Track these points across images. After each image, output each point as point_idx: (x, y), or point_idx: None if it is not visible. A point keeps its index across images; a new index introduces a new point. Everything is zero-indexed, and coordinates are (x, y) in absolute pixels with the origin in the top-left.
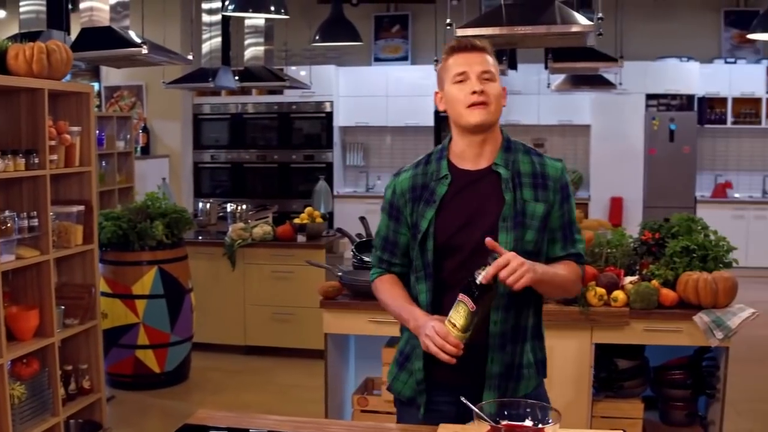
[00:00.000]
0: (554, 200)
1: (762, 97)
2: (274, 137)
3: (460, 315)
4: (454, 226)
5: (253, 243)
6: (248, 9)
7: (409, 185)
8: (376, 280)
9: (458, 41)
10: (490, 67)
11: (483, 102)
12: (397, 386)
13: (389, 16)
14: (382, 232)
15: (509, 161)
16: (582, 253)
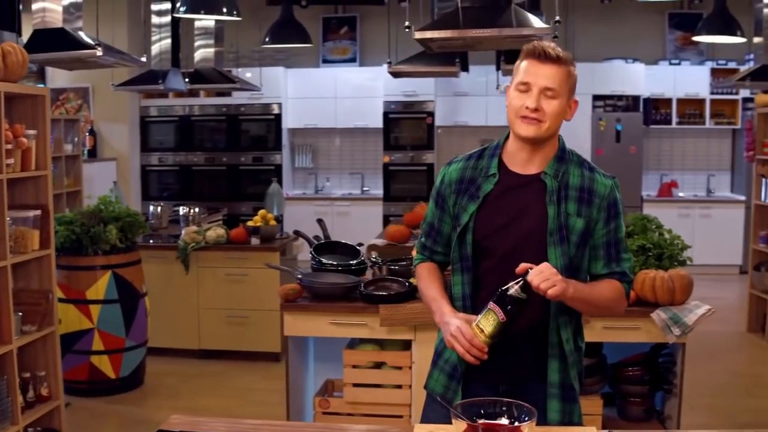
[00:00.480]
0: (598, 217)
1: (706, 98)
2: (223, 139)
3: (489, 323)
4: (492, 226)
5: (207, 246)
6: (200, 11)
7: (457, 177)
8: (418, 265)
9: (536, 45)
10: (557, 84)
11: (537, 119)
12: (431, 384)
13: (337, 17)
14: (429, 218)
15: (560, 171)
16: (627, 272)
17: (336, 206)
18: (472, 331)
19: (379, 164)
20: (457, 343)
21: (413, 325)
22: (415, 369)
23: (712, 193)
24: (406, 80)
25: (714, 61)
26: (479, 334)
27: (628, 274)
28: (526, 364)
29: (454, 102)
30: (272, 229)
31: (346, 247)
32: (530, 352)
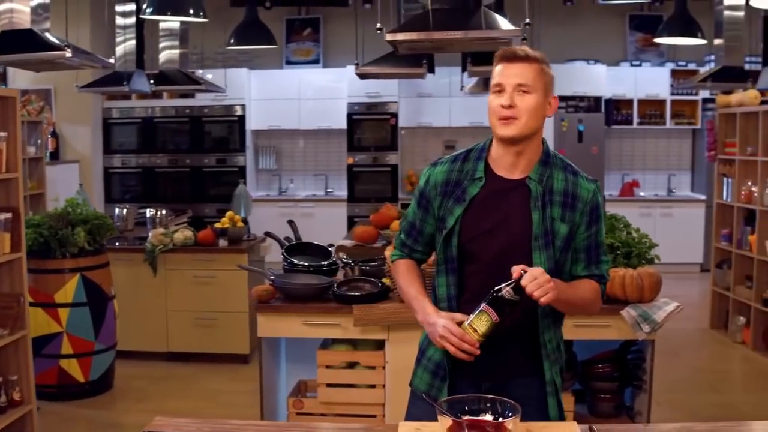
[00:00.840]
0: (580, 221)
1: (666, 99)
2: (186, 141)
3: (483, 323)
4: (478, 231)
5: (174, 248)
6: (167, 12)
7: (443, 179)
8: (396, 261)
9: (505, 49)
10: (529, 80)
11: (511, 116)
12: (415, 382)
13: (300, 19)
14: (409, 217)
15: (544, 176)
16: (605, 274)
17: (300, 207)
18: (462, 330)
19: (343, 165)
20: (448, 342)
21: (386, 324)
22: (388, 368)
23: (672, 193)
24: (369, 81)
25: (674, 62)
26: (472, 334)
27: (606, 276)
28: (511, 363)
29: (417, 103)
30: (240, 230)
31: (317, 248)
32: (514, 350)
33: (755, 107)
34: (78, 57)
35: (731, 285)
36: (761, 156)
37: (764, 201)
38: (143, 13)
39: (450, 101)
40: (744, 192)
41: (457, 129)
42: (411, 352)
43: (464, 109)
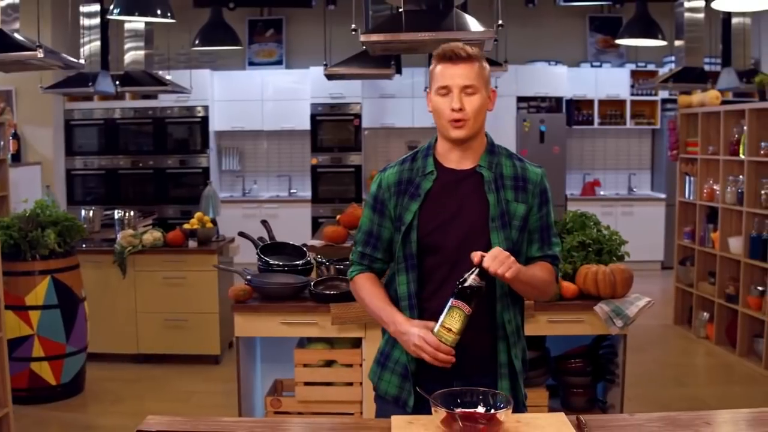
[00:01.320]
0: (533, 203)
1: (626, 99)
2: (149, 143)
3: (456, 320)
4: (436, 222)
5: (144, 249)
6: (134, 12)
7: (395, 179)
8: (356, 277)
9: (446, 48)
10: (473, 80)
11: (462, 119)
12: (383, 386)
13: (263, 20)
14: (365, 227)
15: (492, 163)
16: (558, 255)
17: (264, 209)
18: (437, 339)
19: (307, 166)
20: (423, 352)
21: (363, 323)
22: (365, 366)
23: (633, 192)
24: (333, 82)
25: (634, 63)
26: (446, 334)
27: (558, 257)
28: (477, 355)
29: (380, 104)
30: (209, 231)
31: (292, 247)
32: (478, 341)
33: (716, 107)
34: (49, 58)
35: (694, 281)
36: (723, 155)
37: (726, 199)
38: (110, 13)
39: (413, 102)
40: (706, 190)
41: (420, 129)
42: None
43: (427, 110)
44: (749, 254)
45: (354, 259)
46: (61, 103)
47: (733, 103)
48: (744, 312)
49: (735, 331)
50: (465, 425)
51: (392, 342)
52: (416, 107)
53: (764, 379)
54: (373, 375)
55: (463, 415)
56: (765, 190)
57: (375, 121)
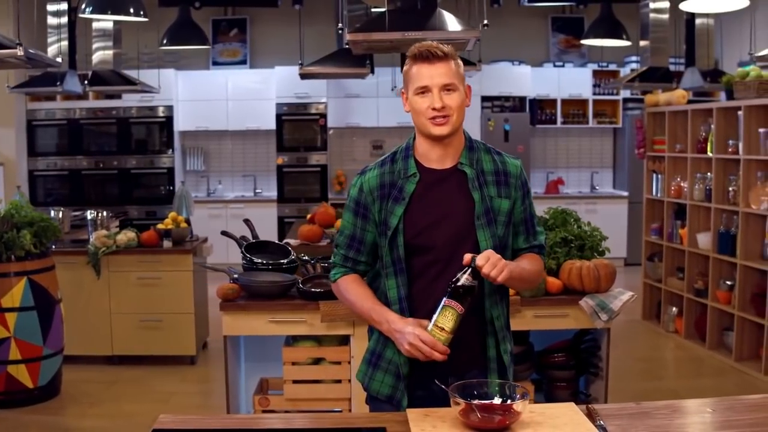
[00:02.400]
0: (516, 196)
1: (588, 99)
2: (113, 143)
3: (449, 319)
4: (423, 224)
5: (118, 250)
6: (107, 11)
7: (377, 183)
8: (339, 279)
9: (420, 48)
10: (452, 79)
11: (444, 115)
12: (375, 386)
13: (227, 19)
14: (347, 230)
15: (473, 160)
16: (543, 244)
17: (230, 209)
18: (432, 337)
19: (272, 166)
20: (418, 351)
21: (352, 320)
22: (354, 363)
23: (596, 190)
24: (298, 82)
25: (596, 63)
26: (439, 333)
27: (544, 245)
28: (467, 351)
29: (345, 104)
30: (184, 231)
31: (275, 246)
32: (469, 337)
33: (684, 106)
34: (28, 56)
35: (663, 277)
36: (690, 153)
37: (694, 196)
38: (82, 12)
39: (378, 101)
40: (674, 187)
41: (385, 129)
42: None
43: (392, 110)
44: (718, 249)
45: (337, 261)
46: (23, 103)
47: (694, 103)
48: (713, 306)
49: (704, 325)
50: (483, 416)
51: (384, 341)
52: (381, 107)
53: (735, 371)
54: (363, 375)
55: (481, 406)
56: (733, 187)
57: (340, 121)
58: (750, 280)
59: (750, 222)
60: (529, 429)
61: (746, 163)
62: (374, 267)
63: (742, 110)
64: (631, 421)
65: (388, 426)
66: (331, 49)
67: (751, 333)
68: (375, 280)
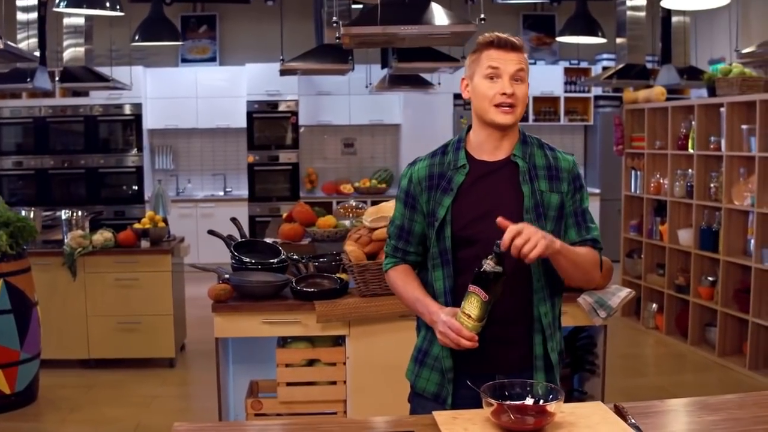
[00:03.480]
0: (567, 190)
1: (560, 96)
2: (80, 141)
3: (474, 306)
4: (471, 216)
5: (94, 251)
6: (82, 5)
7: (426, 174)
8: (390, 270)
9: (497, 36)
10: (524, 66)
11: (511, 104)
12: (421, 384)
13: (196, 16)
14: (397, 221)
15: (526, 154)
16: (598, 239)
17: (200, 208)
18: (459, 324)
19: (242, 164)
20: (446, 338)
21: (348, 320)
22: (349, 364)
23: None
24: (269, 80)
25: (567, 60)
26: (466, 320)
27: (599, 240)
28: (514, 348)
29: (316, 101)
30: (161, 230)
31: (264, 245)
32: (515, 334)
33: (663, 103)
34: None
35: (642, 273)
36: (671, 150)
37: (675, 192)
38: (56, 6)
39: (349, 99)
40: (653, 184)
41: (356, 127)
42: (372, 347)
43: (364, 107)
44: (699, 246)
45: (388, 251)
46: None
47: (670, 100)
48: (695, 302)
49: (685, 321)
50: (516, 417)
51: (430, 338)
52: (353, 105)
53: (718, 366)
54: (411, 373)
55: (514, 407)
56: (714, 184)
57: (311, 119)
58: (733, 276)
59: (733, 218)
60: (563, 430)
61: (729, 160)
62: (424, 258)
63: (724, 107)
64: (661, 419)
65: (417, 430)
66: (305, 46)
67: (734, 328)
68: (423, 271)
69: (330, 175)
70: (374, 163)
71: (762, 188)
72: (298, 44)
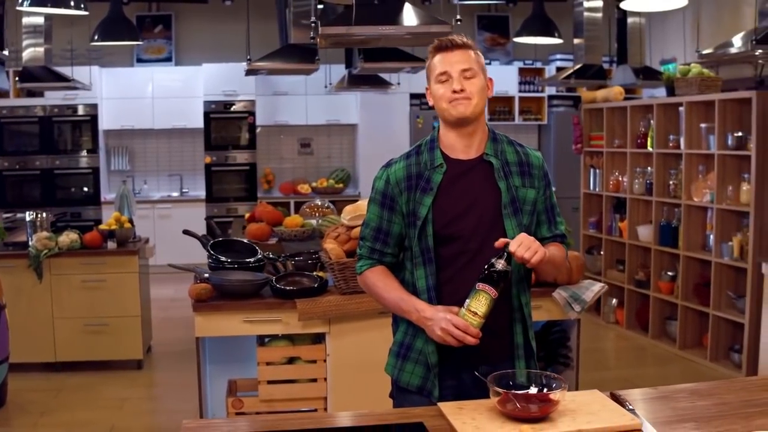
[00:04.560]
0: (539, 186)
1: (515, 96)
2: (35, 142)
3: (482, 303)
4: (451, 214)
5: (60, 252)
6: (47, 4)
7: (403, 174)
8: (366, 271)
9: (441, 40)
10: (471, 64)
11: (465, 98)
12: (405, 377)
13: (151, 16)
14: (373, 223)
15: (497, 151)
16: (565, 234)
17: (157, 209)
18: (465, 322)
19: (199, 165)
20: (450, 336)
21: (329, 317)
22: (330, 361)
23: None
24: (225, 80)
25: (521, 61)
26: (472, 318)
27: (566, 235)
28: (496, 338)
29: (273, 101)
30: (128, 231)
31: (240, 245)
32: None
33: (622, 102)
34: None
35: (602, 269)
36: (630, 148)
37: (634, 189)
38: (20, 5)
39: (306, 99)
40: (612, 182)
41: (313, 127)
42: (352, 344)
43: (321, 107)
44: (659, 241)
45: (363, 253)
46: None
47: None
48: (655, 296)
49: (645, 316)
50: (522, 406)
51: (413, 332)
52: (310, 105)
53: (679, 359)
54: (392, 368)
55: (521, 396)
56: (673, 181)
57: (268, 119)
58: (692, 271)
59: (692, 214)
60: (567, 417)
61: (688, 157)
62: (399, 259)
63: (683, 106)
64: (655, 405)
65: (425, 421)
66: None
67: (694, 321)
68: (399, 272)
69: (287, 176)
70: (331, 163)
71: (721, 185)
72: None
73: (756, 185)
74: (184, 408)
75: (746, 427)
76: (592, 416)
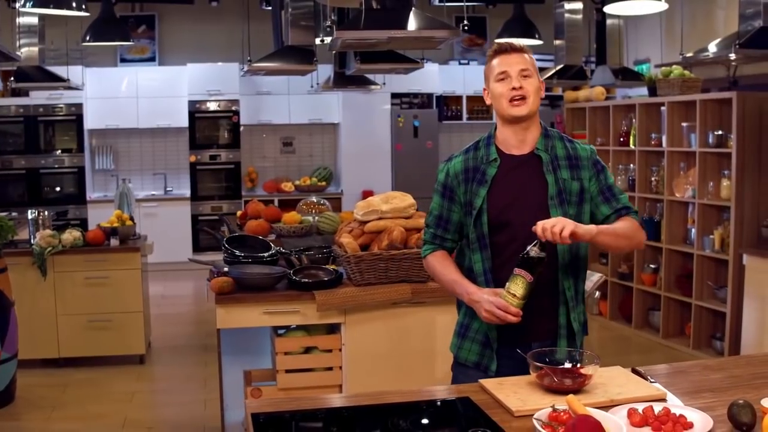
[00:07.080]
0: (589, 175)
1: None
2: (20, 142)
3: (519, 286)
4: (503, 203)
5: (64, 250)
6: (49, 5)
7: (462, 168)
8: (429, 255)
9: (500, 44)
10: (528, 66)
11: (522, 96)
12: (463, 354)
13: (135, 16)
14: (435, 211)
15: (548, 146)
16: (628, 204)
17: (143, 207)
18: (505, 302)
19: (183, 164)
20: (493, 316)
21: (345, 308)
22: (345, 350)
23: None
24: (210, 79)
25: None
26: (511, 299)
27: (631, 206)
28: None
29: (257, 101)
30: (130, 228)
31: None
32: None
33: (605, 102)
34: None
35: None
36: (612, 146)
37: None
38: (22, 6)
39: (289, 99)
40: None
41: (296, 126)
42: (366, 334)
43: (304, 107)
44: None
45: (426, 239)
46: None
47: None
48: (638, 288)
49: (629, 307)
50: (558, 380)
51: (470, 314)
52: (293, 104)
53: (663, 347)
54: (454, 347)
55: (556, 371)
56: (655, 177)
57: (252, 118)
58: (674, 263)
59: (674, 209)
60: (599, 389)
61: (670, 155)
62: (459, 244)
63: (665, 106)
64: (673, 379)
65: (471, 395)
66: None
67: (677, 311)
68: (459, 256)
69: (270, 174)
70: (313, 162)
71: (702, 181)
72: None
73: (736, 181)
74: (195, 399)
75: (758, 395)
76: (621, 388)
